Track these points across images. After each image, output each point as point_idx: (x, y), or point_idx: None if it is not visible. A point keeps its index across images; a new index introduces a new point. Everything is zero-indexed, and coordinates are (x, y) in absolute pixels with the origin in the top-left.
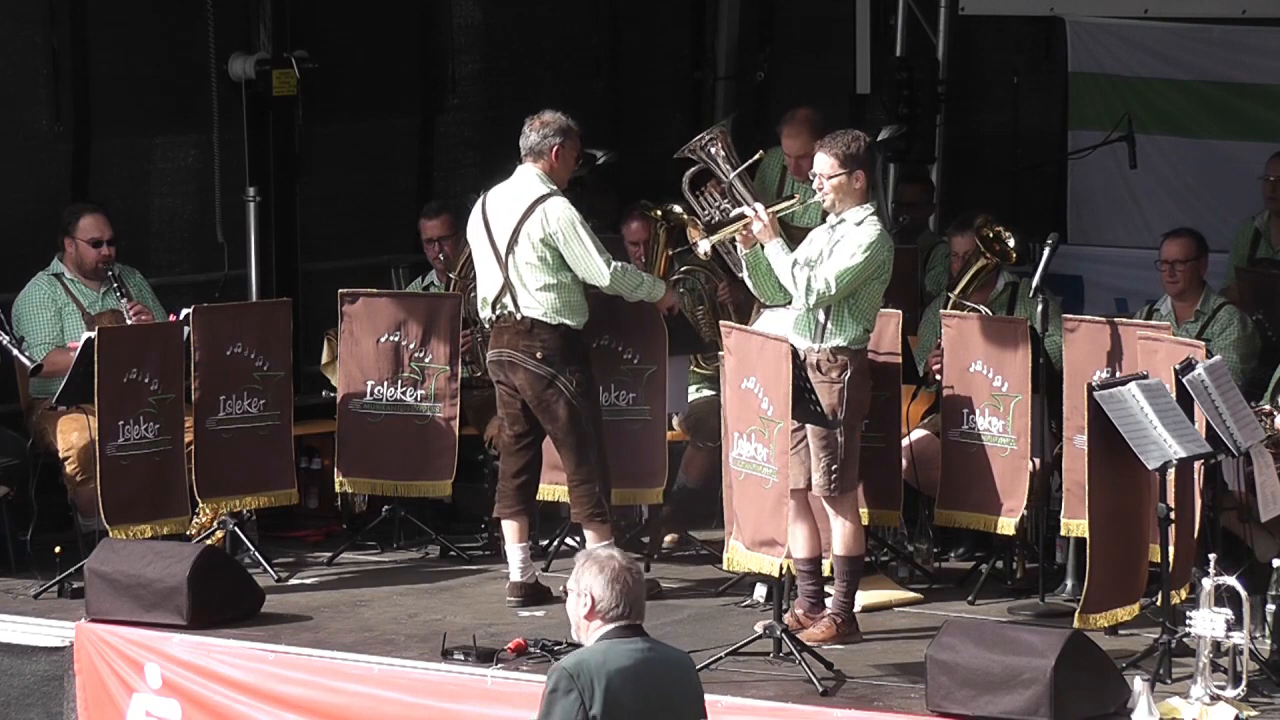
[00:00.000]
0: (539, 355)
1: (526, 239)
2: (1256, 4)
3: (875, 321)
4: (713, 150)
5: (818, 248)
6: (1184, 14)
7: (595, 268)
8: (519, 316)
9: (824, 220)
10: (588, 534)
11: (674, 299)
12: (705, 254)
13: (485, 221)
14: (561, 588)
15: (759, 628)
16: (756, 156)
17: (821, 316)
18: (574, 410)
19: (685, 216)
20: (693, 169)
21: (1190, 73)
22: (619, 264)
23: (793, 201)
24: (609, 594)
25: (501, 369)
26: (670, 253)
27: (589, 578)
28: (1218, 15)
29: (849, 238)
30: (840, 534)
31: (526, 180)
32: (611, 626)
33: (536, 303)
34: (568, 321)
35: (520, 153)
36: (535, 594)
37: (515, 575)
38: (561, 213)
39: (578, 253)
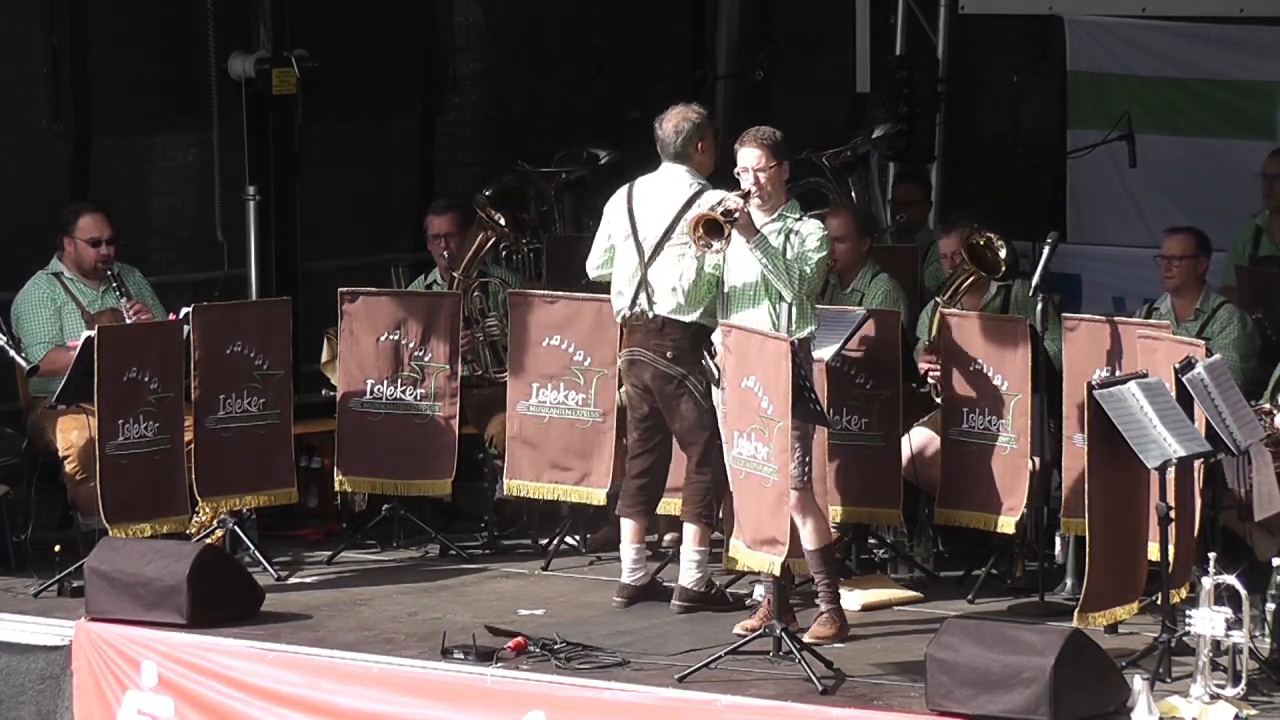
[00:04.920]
0: (669, 355)
1: (682, 232)
2: (1254, 3)
3: None
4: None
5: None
6: (1182, 13)
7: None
8: (651, 315)
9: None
10: (687, 531)
11: None
12: (719, 250)
13: (631, 217)
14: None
15: (739, 629)
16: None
17: (788, 310)
18: (701, 410)
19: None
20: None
21: (1188, 71)
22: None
23: (749, 196)
24: None
25: (633, 368)
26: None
27: None
28: (1215, 14)
29: (804, 229)
30: (813, 527)
31: (676, 179)
32: None
33: (674, 300)
34: (702, 321)
35: (661, 154)
36: (643, 595)
37: (625, 576)
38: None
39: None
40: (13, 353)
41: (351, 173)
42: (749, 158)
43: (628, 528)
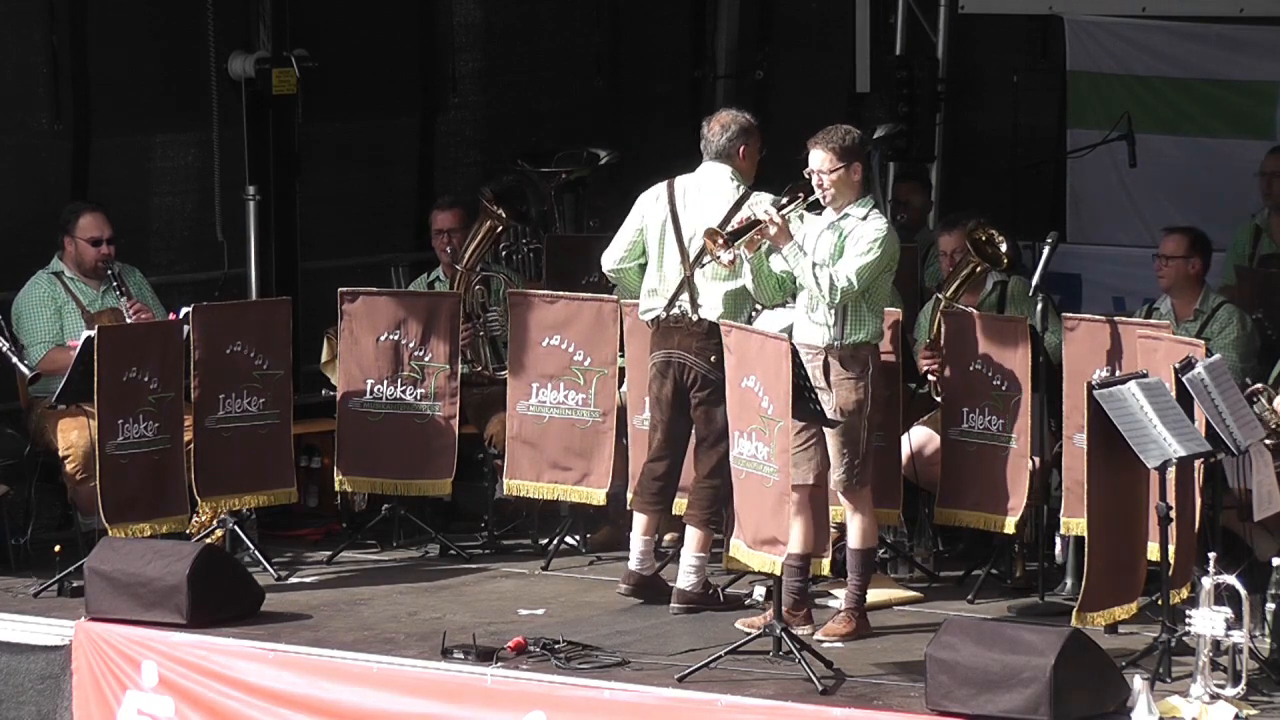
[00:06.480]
0: (713, 359)
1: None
2: (1254, 3)
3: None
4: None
5: (826, 245)
6: (1182, 13)
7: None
8: (695, 318)
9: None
10: (691, 535)
11: None
12: (728, 264)
13: (675, 216)
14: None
15: (740, 625)
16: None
17: (841, 313)
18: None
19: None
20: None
21: (1188, 71)
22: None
23: (798, 201)
24: None
25: (670, 369)
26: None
27: None
28: (1215, 14)
29: (859, 232)
30: (857, 528)
31: (720, 180)
32: None
33: (719, 304)
34: (735, 325)
35: (704, 152)
36: (648, 587)
37: (633, 564)
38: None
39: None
40: (14, 359)
41: (351, 173)
42: (816, 160)
43: (640, 521)
